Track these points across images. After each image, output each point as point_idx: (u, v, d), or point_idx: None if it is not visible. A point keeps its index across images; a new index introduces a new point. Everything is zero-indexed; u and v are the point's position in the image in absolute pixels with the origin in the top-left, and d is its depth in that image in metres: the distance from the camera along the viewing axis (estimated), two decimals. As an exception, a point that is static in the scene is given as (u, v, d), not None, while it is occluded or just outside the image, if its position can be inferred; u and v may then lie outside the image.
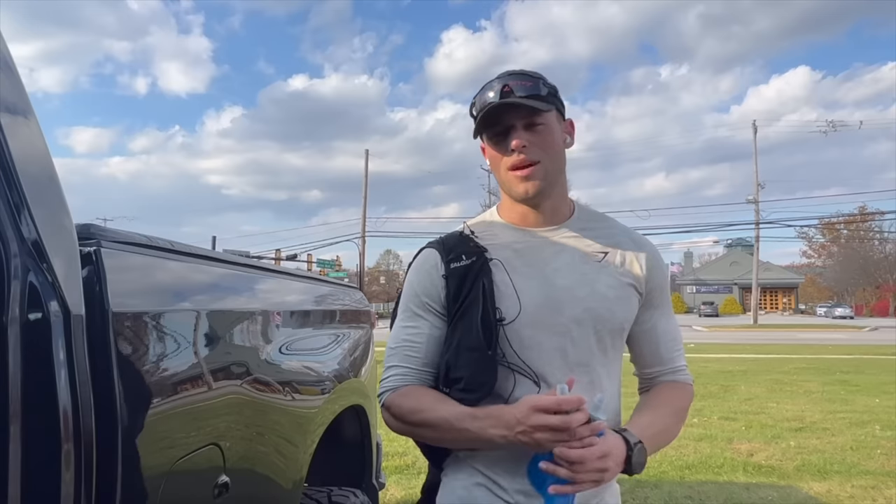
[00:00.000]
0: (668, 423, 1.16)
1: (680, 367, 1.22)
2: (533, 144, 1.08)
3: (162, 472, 0.94)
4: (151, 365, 0.95)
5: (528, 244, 1.15)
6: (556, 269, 1.12)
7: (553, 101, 1.11)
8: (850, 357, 13.70)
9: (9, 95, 0.81)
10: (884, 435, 5.61)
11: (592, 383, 1.10)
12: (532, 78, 1.10)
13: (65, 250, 0.81)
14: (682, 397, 1.22)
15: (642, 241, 1.21)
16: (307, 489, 1.71)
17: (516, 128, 1.08)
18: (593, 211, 1.25)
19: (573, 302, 1.10)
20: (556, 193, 1.15)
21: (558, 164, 1.13)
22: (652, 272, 1.17)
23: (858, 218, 53.93)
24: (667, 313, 1.22)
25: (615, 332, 1.14)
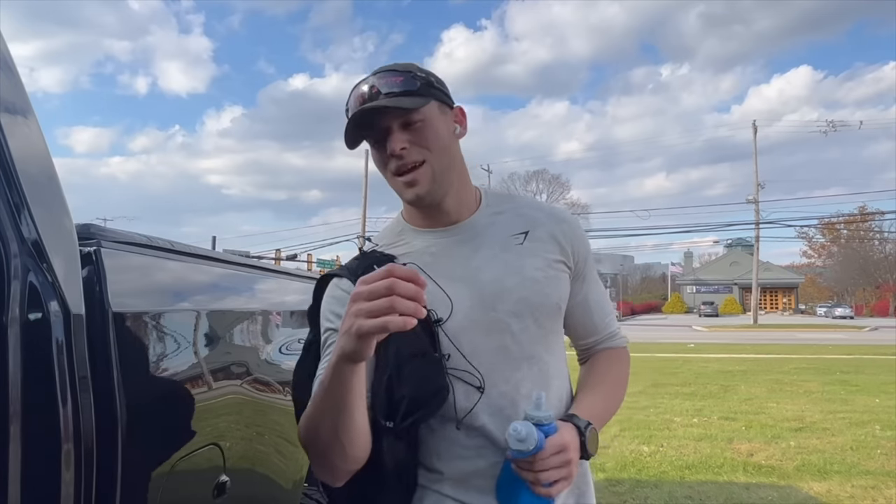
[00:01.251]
0: (612, 394, 1.16)
1: (613, 332, 1.20)
2: (414, 144, 1.01)
3: (162, 472, 0.94)
4: (151, 365, 0.95)
5: (442, 245, 1.09)
6: (478, 265, 1.06)
7: (430, 93, 1.03)
8: (850, 357, 13.70)
9: (9, 95, 0.81)
10: (884, 435, 5.61)
11: (542, 373, 1.06)
12: (400, 73, 1.02)
13: (65, 250, 0.81)
14: (621, 363, 1.21)
15: (558, 213, 1.16)
16: (307, 489, 1.71)
17: (392, 130, 1.01)
18: (500, 193, 1.20)
19: (504, 294, 1.04)
20: (455, 188, 1.08)
21: (447, 159, 1.05)
22: (575, 243, 1.13)
23: (858, 218, 53.96)
24: (594, 280, 1.19)
25: (553, 315, 1.09)
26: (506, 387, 1.03)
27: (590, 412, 1.05)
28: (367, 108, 0.99)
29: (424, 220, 1.11)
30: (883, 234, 53.75)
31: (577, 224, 1.17)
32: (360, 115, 1.00)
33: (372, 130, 1.03)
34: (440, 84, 1.07)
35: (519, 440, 0.90)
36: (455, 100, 1.10)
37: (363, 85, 1.03)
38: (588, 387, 1.14)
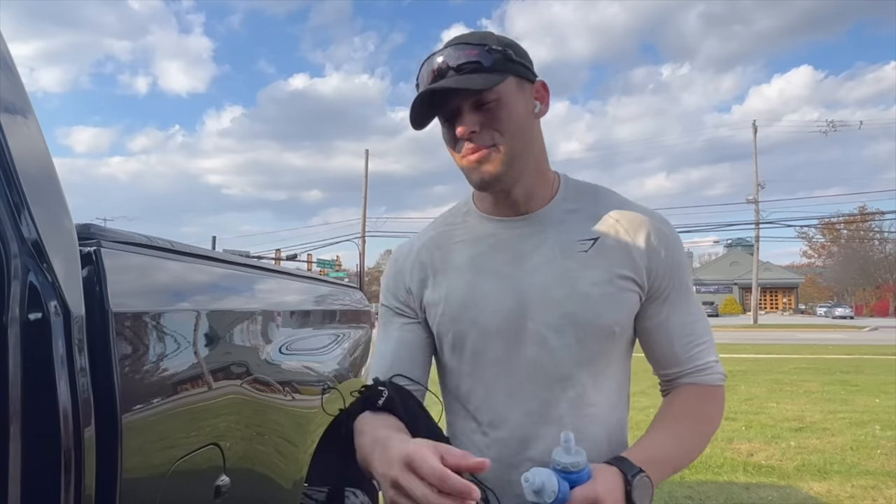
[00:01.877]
0: (687, 437, 0.96)
1: (703, 365, 1.00)
2: (484, 126, 0.92)
3: (162, 472, 0.94)
4: (151, 365, 0.95)
5: (503, 237, 1.00)
6: (534, 267, 0.97)
7: (507, 67, 0.92)
8: (850, 357, 13.69)
9: (9, 95, 0.81)
10: (884, 435, 5.60)
11: (577, 399, 0.95)
12: (473, 46, 0.91)
13: (65, 250, 0.81)
14: (709, 402, 1.00)
15: (642, 219, 0.99)
16: (307, 489, 1.71)
17: (462, 110, 0.92)
18: (582, 184, 1.05)
19: (549, 305, 0.95)
20: (527, 175, 0.98)
21: (521, 142, 0.94)
22: (654, 256, 0.97)
23: (858, 218, 53.95)
24: (682, 303, 1.00)
25: (602, 337, 0.96)
26: (532, 405, 0.95)
27: (649, 455, 0.89)
28: (432, 90, 0.90)
29: (492, 205, 1.03)
30: (883, 234, 53.75)
31: (665, 235, 0.99)
32: (428, 94, 0.91)
33: (441, 109, 0.94)
34: (521, 56, 0.95)
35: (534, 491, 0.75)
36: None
37: (435, 58, 0.93)
38: (657, 424, 0.98)
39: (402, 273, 1.07)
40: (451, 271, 1.02)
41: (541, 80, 0.99)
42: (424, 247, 1.07)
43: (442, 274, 1.03)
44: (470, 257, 1.01)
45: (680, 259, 1.00)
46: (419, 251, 1.07)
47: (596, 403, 0.97)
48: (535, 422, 0.95)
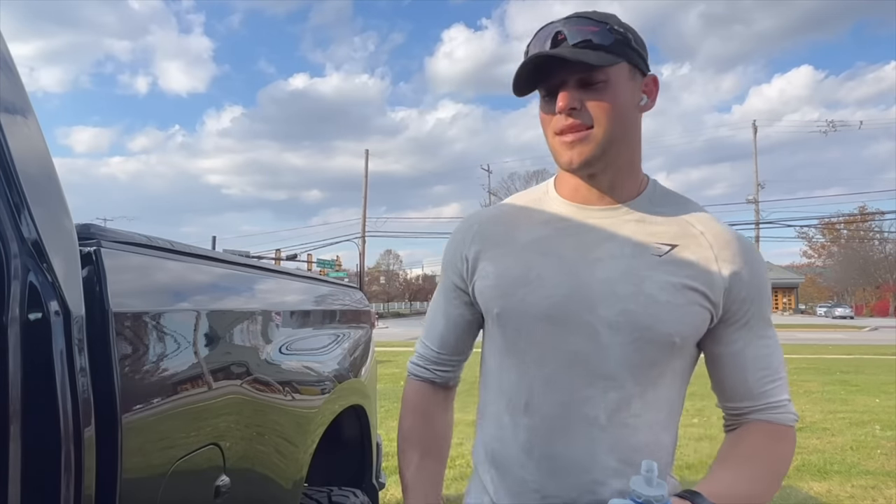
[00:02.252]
0: (757, 482, 0.89)
1: (777, 402, 0.94)
2: (587, 106, 0.88)
3: (162, 472, 0.94)
4: (151, 365, 0.95)
5: (575, 223, 0.96)
6: (598, 258, 0.93)
7: (624, 52, 0.89)
8: (850, 357, 13.70)
9: (8, 95, 0.81)
10: (884, 435, 5.60)
11: (619, 403, 0.91)
12: (595, 22, 0.88)
13: (65, 250, 0.81)
14: (780, 445, 0.93)
15: (729, 237, 0.94)
16: (307, 489, 1.71)
17: (567, 84, 0.89)
18: (671, 192, 1.01)
19: (610, 300, 0.90)
20: (618, 166, 0.94)
21: (620, 130, 0.90)
22: (737, 278, 0.91)
23: (858, 218, 53.97)
24: (761, 333, 0.94)
25: (659, 345, 0.90)
26: (568, 397, 0.92)
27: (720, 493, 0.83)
28: (544, 55, 0.87)
29: (572, 191, 0.99)
30: (883, 234, 53.76)
31: (752, 259, 0.94)
32: (537, 59, 0.88)
33: (546, 80, 0.91)
34: (639, 45, 0.92)
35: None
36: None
37: (552, 27, 0.90)
38: (728, 462, 0.91)
39: (465, 239, 1.06)
40: (511, 247, 1.00)
41: (653, 75, 0.96)
42: (493, 219, 1.06)
43: (502, 248, 1.01)
44: (535, 238, 0.98)
45: (763, 287, 0.95)
46: (486, 222, 1.06)
47: (640, 415, 0.91)
48: (566, 414, 0.92)
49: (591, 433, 0.91)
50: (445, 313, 1.10)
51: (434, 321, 1.13)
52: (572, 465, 0.92)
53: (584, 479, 0.92)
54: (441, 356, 1.12)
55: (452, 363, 1.13)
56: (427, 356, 1.13)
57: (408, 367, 1.17)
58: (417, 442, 1.08)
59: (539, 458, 0.94)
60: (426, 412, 1.11)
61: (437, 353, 1.12)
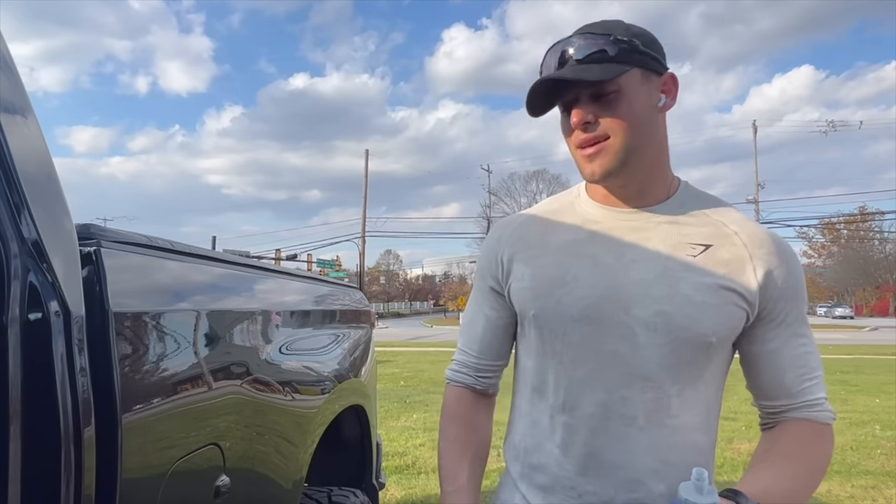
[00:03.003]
0: (797, 481, 0.90)
1: (815, 401, 0.95)
2: (602, 117, 0.90)
3: (162, 472, 0.94)
4: (151, 365, 0.95)
5: (608, 225, 0.98)
6: (633, 259, 0.94)
7: (631, 59, 0.89)
8: (850, 357, 13.70)
9: (8, 95, 0.81)
10: (884, 435, 5.61)
11: (657, 403, 0.91)
12: (598, 36, 0.89)
13: (65, 250, 0.81)
14: (819, 444, 0.94)
15: (763, 236, 0.94)
16: (307, 489, 1.71)
17: (580, 99, 0.91)
18: (703, 193, 1.02)
19: (645, 301, 0.91)
20: (644, 170, 0.95)
21: (639, 136, 0.91)
22: (771, 279, 0.92)
23: (858, 218, 53.97)
24: (798, 333, 0.95)
25: (698, 347, 0.90)
26: (606, 396, 0.92)
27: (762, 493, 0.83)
28: (547, 79, 0.90)
29: (604, 196, 1.00)
30: (883, 234, 53.77)
31: (787, 259, 0.94)
32: (546, 83, 0.90)
33: (560, 97, 0.93)
34: (650, 46, 0.92)
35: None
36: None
37: (559, 47, 0.92)
38: (770, 461, 0.92)
39: (500, 242, 1.07)
40: (545, 249, 1.01)
41: (670, 73, 0.95)
42: (526, 222, 1.07)
43: (537, 250, 1.02)
44: (569, 240, 1.00)
45: (799, 285, 0.95)
46: (520, 225, 1.07)
47: (678, 416, 0.92)
48: (604, 414, 0.93)
49: (629, 433, 0.92)
50: (485, 316, 1.10)
51: (472, 326, 1.12)
52: (610, 464, 0.93)
53: (622, 477, 0.92)
54: (481, 362, 1.11)
55: (493, 369, 1.11)
56: (467, 362, 1.11)
57: (447, 374, 1.14)
58: (466, 448, 1.06)
59: (576, 457, 0.94)
60: (470, 419, 1.10)
61: (478, 358, 1.10)
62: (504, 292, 1.06)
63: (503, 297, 1.07)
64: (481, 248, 1.13)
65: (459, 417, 1.09)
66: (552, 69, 0.91)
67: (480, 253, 1.12)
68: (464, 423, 1.09)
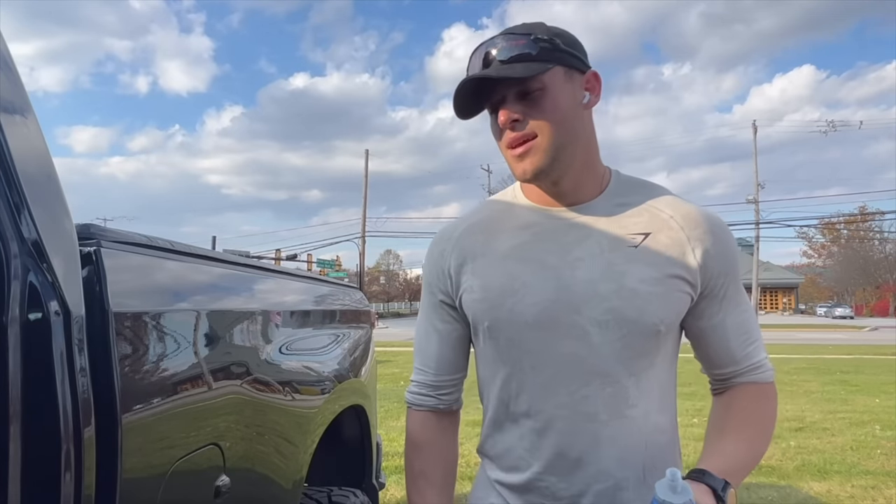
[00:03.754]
0: (756, 441, 0.97)
1: (757, 363, 1.00)
2: (528, 116, 0.91)
3: (162, 472, 0.94)
4: (151, 365, 0.95)
5: (548, 227, 0.98)
6: (577, 258, 0.95)
7: (554, 57, 0.91)
8: (850, 357, 13.70)
9: (8, 94, 0.81)
10: (884, 435, 5.61)
11: (615, 397, 0.94)
12: (519, 36, 0.91)
13: (65, 250, 0.81)
14: (768, 401, 1.00)
15: (697, 215, 0.97)
16: (307, 489, 1.71)
17: (506, 99, 0.92)
18: (634, 179, 1.03)
19: (594, 300, 0.93)
20: (575, 167, 0.95)
21: (566, 132, 0.92)
22: (709, 256, 0.94)
23: (858, 218, 53.97)
24: (737, 302, 0.99)
25: (647, 336, 0.93)
26: (568, 398, 0.95)
27: (726, 465, 0.89)
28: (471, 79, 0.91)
29: (538, 195, 1.01)
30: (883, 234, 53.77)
31: (721, 234, 0.97)
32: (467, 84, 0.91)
33: (487, 98, 0.94)
34: (570, 45, 0.94)
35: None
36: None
37: (482, 48, 0.93)
38: (727, 430, 0.98)
39: (444, 256, 1.06)
40: (491, 258, 1.00)
41: (592, 71, 0.97)
42: (467, 231, 1.06)
43: (482, 259, 1.01)
44: (512, 246, 1.00)
45: (734, 257, 0.99)
46: (461, 236, 1.06)
47: (637, 405, 0.95)
48: (568, 415, 0.95)
49: (593, 429, 0.94)
50: (437, 332, 1.09)
51: (426, 344, 1.10)
52: (578, 461, 0.95)
53: (591, 471, 0.95)
54: (440, 378, 1.09)
55: (453, 383, 1.11)
56: (426, 382, 1.10)
57: (407, 398, 1.14)
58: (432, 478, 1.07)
59: (546, 459, 0.97)
60: (435, 445, 1.10)
61: (436, 375, 1.09)
62: (455, 304, 1.06)
63: (455, 309, 1.07)
64: (425, 262, 1.11)
65: (425, 447, 1.10)
66: (477, 70, 0.92)
67: (425, 268, 1.11)
68: (429, 452, 1.09)
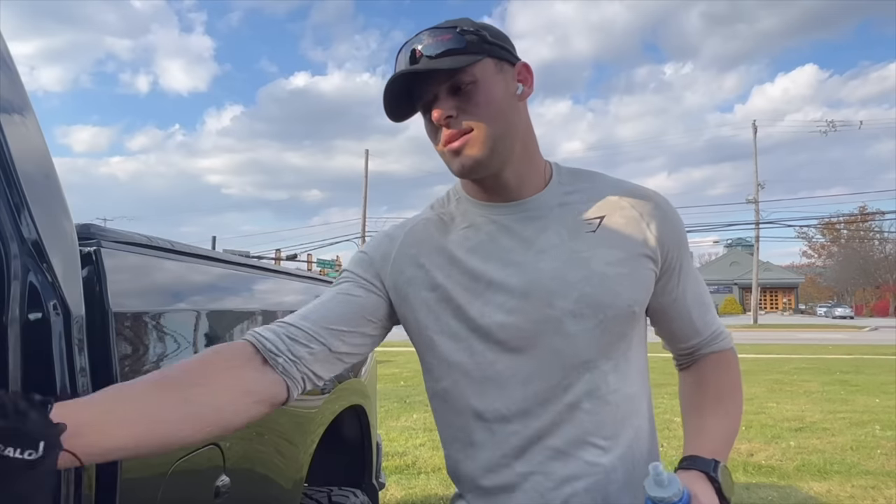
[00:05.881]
0: (731, 411, 0.99)
1: (717, 331, 1.02)
2: (462, 111, 0.88)
3: (162, 472, 0.94)
4: (151, 365, 0.95)
5: (503, 222, 0.95)
6: (540, 251, 0.93)
7: (483, 49, 0.88)
8: (850, 357, 13.69)
9: (8, 94, 0.81)
10: (884, 435, 5.60)
11: (597, 384, 0.93)
12: (445, 30, 0.88)
13: (64, 250, 0.81)
14: (732, 368, 1.04)
15: (643, 194, 0.98)
16: (307, 489, 1.71)
17: (439, 96, 0.89)
18: (575, 169, 1.02)
19: (565, 290, 0.90)
20: (515, 159, 0.93)
21: (503, 124, 0.90)
22: (663, 230, 0.95)
23: (858, 218, 53.97)
24: (691, 274, 1.00)
25: (623, 318, 0.92)
26: (550, 393, 0.93)
27: (712, 444, 0.91)
28: (401, 75, 0.87)
29: (483, 193, 0.97)
30: (883, 234, 53.78)
31: (668, 208, 0.99)
32: (396, 81, 0.88)
33: (419, 98, 0.91)
34: (497, 38, 0.92)
35: None
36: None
37: (408, 46, 0.90)
38: (704, 407, 0.99)
39: (393, 241, 1.00)
40: (448, 263, 0.96)
41: (523, 62, 0.95)
42: (423, 223, 1.01)
43: (441, 257, 0.97)
44: (470, 246, 0.96)
45: (683, 230, 1.00)
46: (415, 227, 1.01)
47: (617, 389, 0.94)
48: (551, 409, 0.92)
49: (575, 418, 0.92)
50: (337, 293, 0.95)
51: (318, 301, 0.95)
52: (563, 454, 0.93)
53: (576, 462, 0.93)
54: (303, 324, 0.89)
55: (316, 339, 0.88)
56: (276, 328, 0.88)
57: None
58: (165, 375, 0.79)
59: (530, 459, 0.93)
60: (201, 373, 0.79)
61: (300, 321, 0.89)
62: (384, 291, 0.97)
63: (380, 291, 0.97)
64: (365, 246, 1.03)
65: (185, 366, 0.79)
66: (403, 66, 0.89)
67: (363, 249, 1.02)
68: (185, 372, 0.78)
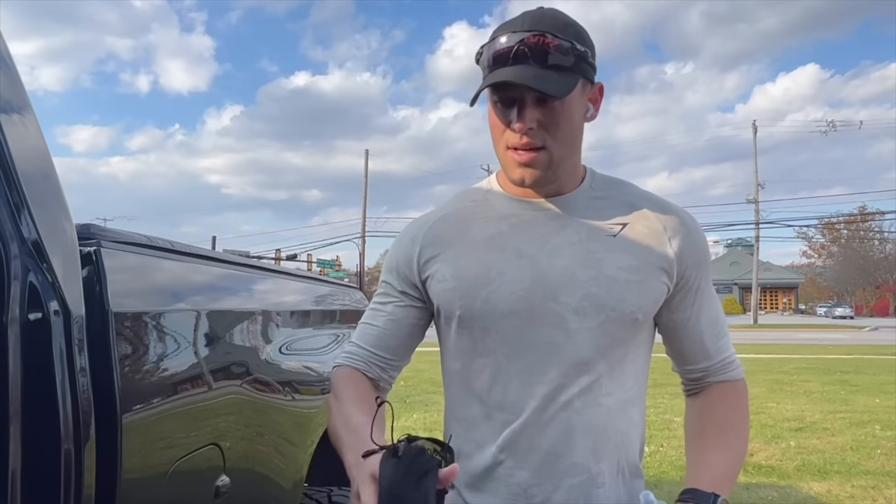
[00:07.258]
0: (735, 447, 0.96)
1: (728, 359, 1.01)
2: (542, 125, 0.89)
3: (162, 472, 0.94)
4: (151, 365, 0.95)
5: (526, 217, 0.98)
6: (555, 247, 0.94)
7: (581, 69, 0.89)
8: (850, 357, 13.69)
9: (8, 94, 0.81)
10: (884, 435, 5.60)
11: (591, 385, 0.93)
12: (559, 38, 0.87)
13: (64, 250, 0.81)
14: (741, 402, 1.01)
15: (670, 209, 0.99)
16: (307, 489, 1.71)
17: (525, 102, 0.88)
18: (608, 176, 1.04)
19: (571, 286, 0.92)
20: (562, 172, 0.96)
21: (570, 147, 0.93)
22: (685, 247, 0.96)
23: (858, 218, 53.95)
24: (709, 295, 1.00)
25: (625, 324, 0.93)
26: (544, 387, 0.93)
27: (713, 477, 0.89)
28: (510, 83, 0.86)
29: (519, 189, 0.99)
30: (883, 234, 53.77)
31: (695, 227, 1.00)
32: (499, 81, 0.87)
33: (504, 91, 0.90)
34: (594, 57, 0.92)
35: None
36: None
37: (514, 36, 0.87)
38: (706, 438, 0.97)
39: (414, 243, 1.02)
40: (466, 247, 0.99)
41: (600, 84, 0.96)
42: (441, 221, 1.03)
43: (456, 249, 0.99)
44: (488, 235, 0.98)
45: (707, 250, 1.01)
46: (434, 224, 1.03)
47: (611, 394, 0.94)
48: (543, 405, 0.93)
49: (567, 419, 0.93)
50: (388, 314, 1.04)
51: (371, 322, 1.05)
52: (551, 454, 0.93)
53: (564, 464, 0.93)
54: (374, 355, 1.03)
55: (388, 363, 1.03)
56: (357, 353, 1.04)
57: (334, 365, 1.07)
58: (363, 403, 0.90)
59: (518, 453, 0.94)
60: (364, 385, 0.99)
61: (370, 352, 1.03)
62: (419, 294, 1.02)
63: (416, 299, 1.03)
64: (392, 247, 1.08)
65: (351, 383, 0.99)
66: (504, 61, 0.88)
67: (390, 252, 1.07)
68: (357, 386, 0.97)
